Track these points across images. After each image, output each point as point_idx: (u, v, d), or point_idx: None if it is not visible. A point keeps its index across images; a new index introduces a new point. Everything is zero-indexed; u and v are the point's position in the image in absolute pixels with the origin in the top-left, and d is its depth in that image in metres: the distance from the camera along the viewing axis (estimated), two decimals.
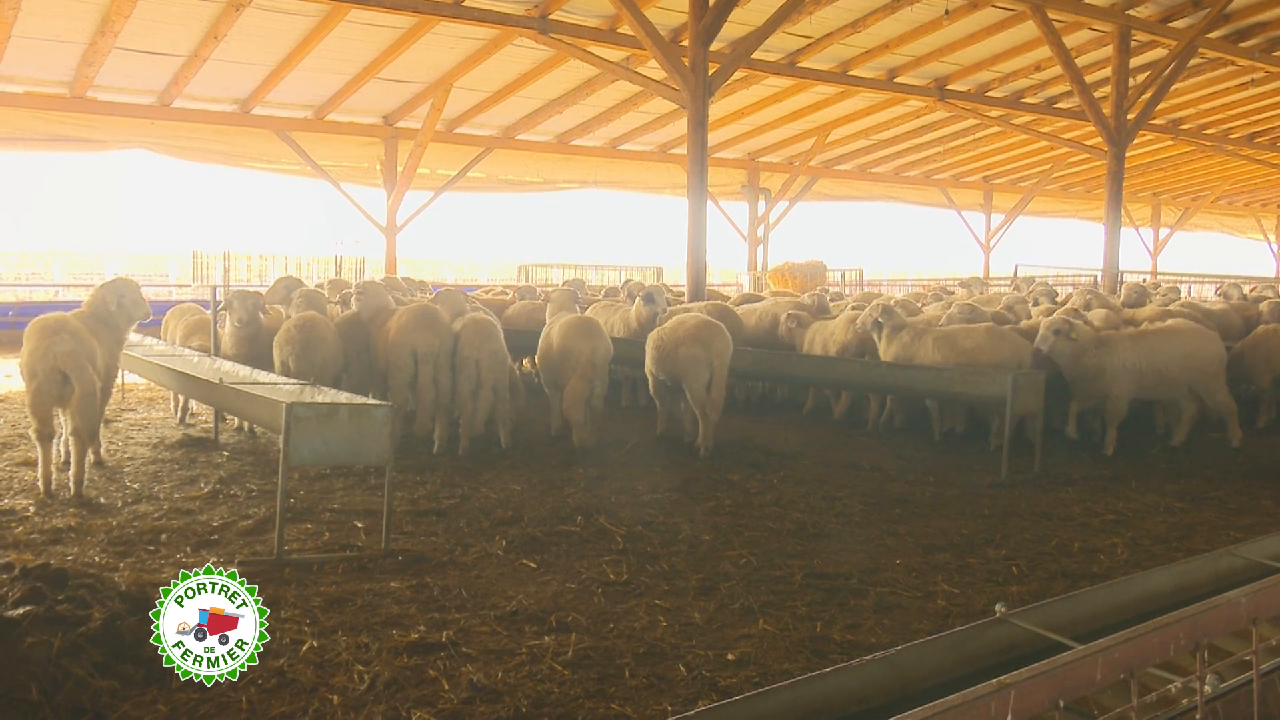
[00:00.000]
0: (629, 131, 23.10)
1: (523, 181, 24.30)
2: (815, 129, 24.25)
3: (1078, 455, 9.01)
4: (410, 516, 6.55)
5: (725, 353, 8.70)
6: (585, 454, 8.51)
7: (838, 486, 7.62)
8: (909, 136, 25.64)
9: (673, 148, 24.39)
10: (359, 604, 4.91)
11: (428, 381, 8.37)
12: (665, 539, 6.14)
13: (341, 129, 20.22)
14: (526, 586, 5.23)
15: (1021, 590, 5.34)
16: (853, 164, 28.33)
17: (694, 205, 13.64)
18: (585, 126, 22.27)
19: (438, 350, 8.43)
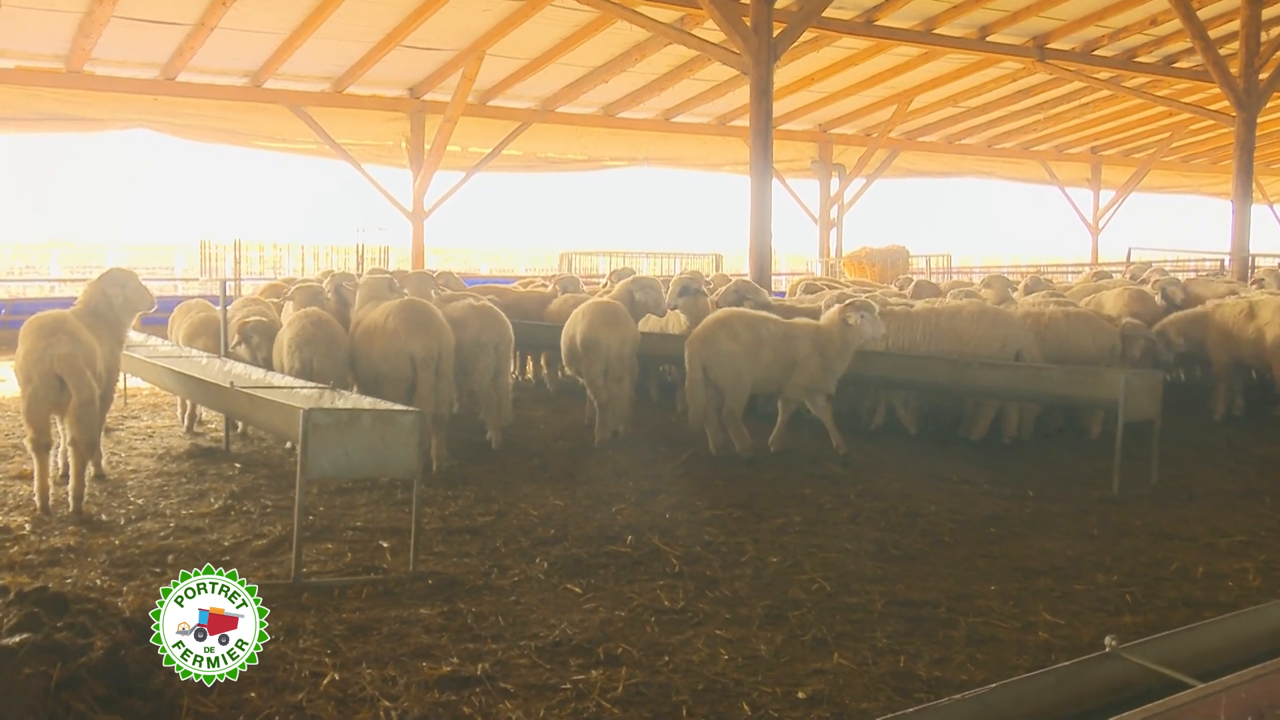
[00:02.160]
0: (684, 102, 23.10)
1: (564, 160, 24.41)
2: (895, 96, 24.05)
3: (1202, 466, 8.85)
4: (441, 535, 6.61)
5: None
6: (635, 466, 8.52)
7: (922, 502, 7.56)
8: (1004, 103, 25.34)
9: (733, 119, 24.35)
10: (385, 633, 4.97)
11: (429, 390, 8.30)
12: (727, 561, 6.13)
13: (363, 103, 20.48)
14: (571, 614, 5.26)
15: (1136, 621, 5.25)
16: (939, 135, 28.05)
17: (757, 184, 13.62)
18: (634, 97, 22.32)
19: (439, 352, 8.44)
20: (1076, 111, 26.43)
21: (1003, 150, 29.63)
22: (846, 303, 8.96)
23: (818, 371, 8.87)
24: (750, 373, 8.75)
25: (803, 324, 9.09)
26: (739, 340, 8.71)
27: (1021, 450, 9.48)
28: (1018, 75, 22.98)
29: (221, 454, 9.04)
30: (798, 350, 8.81)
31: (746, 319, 8.91)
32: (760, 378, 8.85)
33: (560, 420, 10.81)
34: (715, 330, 8.81)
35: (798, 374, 8.84)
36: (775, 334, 8.81)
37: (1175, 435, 9.52)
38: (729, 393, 8.75)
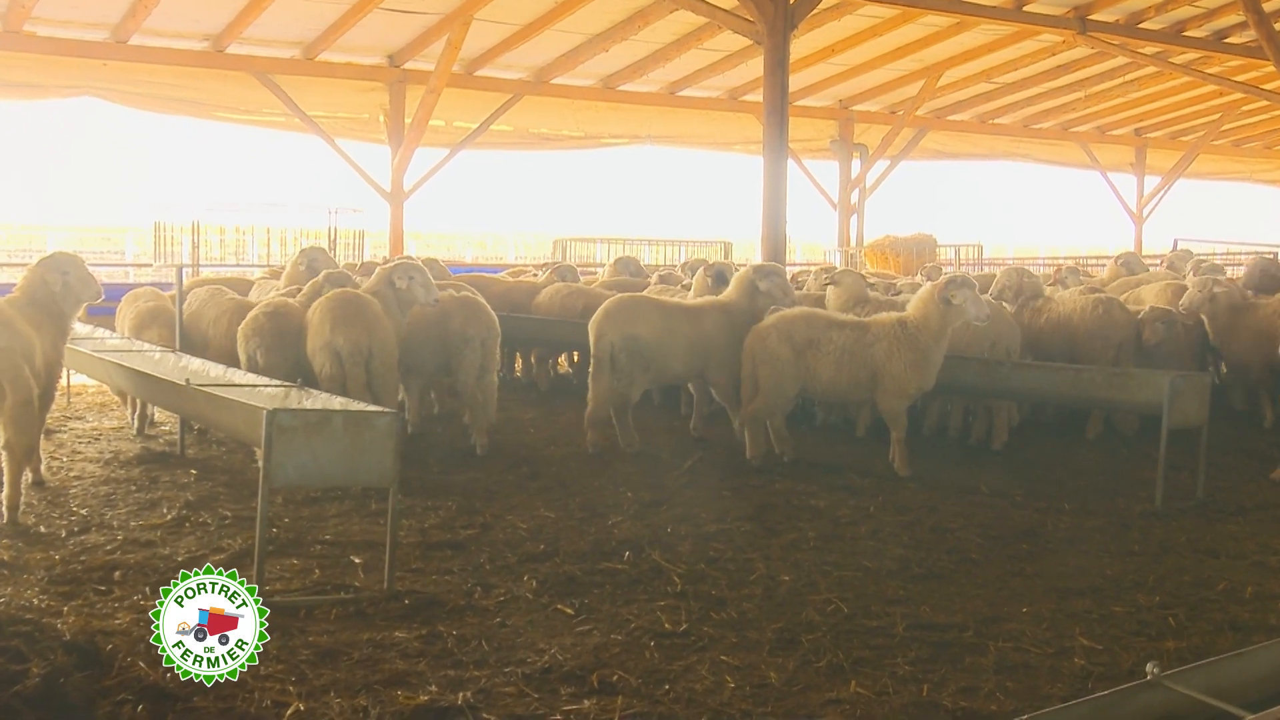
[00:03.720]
0: (691, 74, 23.08)
1: (559, 136, 24.36)
2: (923, 70, 24.03)
3: (1251, 477, 8.86)
4: (420, 550, 6.61)
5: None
6: (634, 474, 8.53)
7: (949, 516, 7.57)
8: (1041, 79, 25.30)
9: (745, 94, 24.33)
10: (356, 658, 4.96)
11: (358, 390, 8.30)
12: (734, 580, 6.14)
13: (336, 71, 20.43)
14: (562, 638, 5.26)
15: (1180, 646, 5.26)
16: (970, 114, 28.04)
17: (771, 165, 13.61)
18: (637, 68, 22.30)
19: (369, 347, 8.49)
20: (1120, 90, 26.40)
21: (1040, 131, 29.60)
22: (945, 279, 8.85)
23: (907, 371, 8.60)
24: (796, 380, 8.76)
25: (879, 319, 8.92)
26: (790, 343, 8.71)
27: (1057, 459, 9.49)
28: (1057, 49, 22.92)
29: (176, 459, 9.03)
30: (874, 354, 8.63)
31: (808, 319, 8.88)
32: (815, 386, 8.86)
33: (552, 424, 10.82)
34: (768, 331, 8.84)
35: (884, 380, 8.64)
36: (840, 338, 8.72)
37: (1223, 443, 9.52)
38: (768, 395, 8.77)
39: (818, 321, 8.83)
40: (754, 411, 8.87)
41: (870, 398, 8.81)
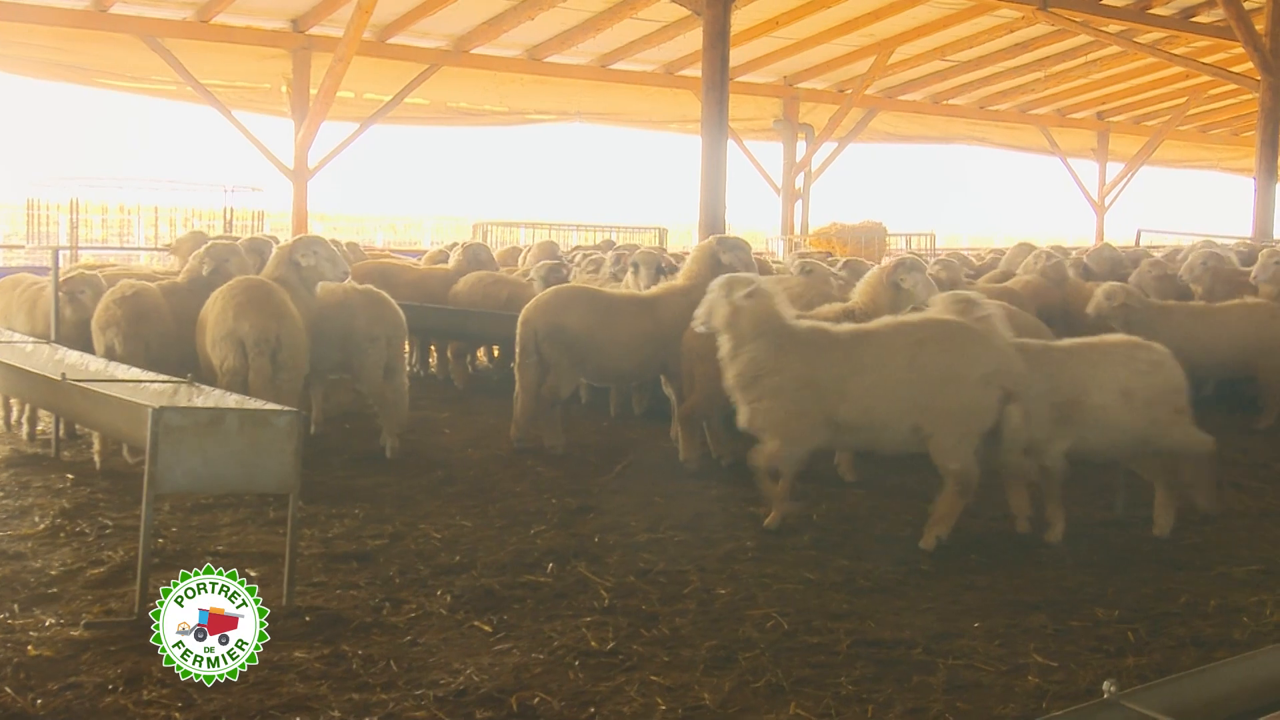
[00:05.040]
0: (624, 46, 23.10)
1: (480, 111, 24.28)
2: (874, 46, 24.26)
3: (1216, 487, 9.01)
4: (323, 562, 6.54)
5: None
6: (560, 479, 8.51)
7: (899, 524, 7.63)
8: (999, 58, 25.66)
9: (683, 68, 24.40)
10: (251, 680, 4.89)
11: (263, 384, 8.25)
12: (667, 594, 6.14)
13: (234, 36, 20.16)
14: (479, 657, 5.23)
15: (1140, 663, 5.35)
16: (923, 93, 28.36)
17: (710, 145, 13.67)
18: (565, 38, 22.27)
19: (277, 336, 8.44)
20: (1081, 70, 26.84)
21: (997, 113, 30.01)
22: (894, 261, 8.85)
23: None
24: None
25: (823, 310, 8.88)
26: None
27: None
28: (1015, 26, 23.27)
29: (50, 462, 8.88)
30: None
31: None
32: None
33: (470, 424, 10.76)
34: None
35: None
36: None
37: None
38: (706, 393, 8.75)
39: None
40: (690, 411, 8.88)
41: None
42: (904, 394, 7.05)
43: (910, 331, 7.23)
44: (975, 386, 7.02)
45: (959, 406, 7.04)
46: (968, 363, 7.05)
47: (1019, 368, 7.13)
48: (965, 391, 7.02)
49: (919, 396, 7.03)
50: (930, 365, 7.04)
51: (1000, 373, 7.05)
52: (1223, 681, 3.40)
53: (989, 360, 7.08)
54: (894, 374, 7.06)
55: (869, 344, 7.20)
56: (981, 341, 7.18)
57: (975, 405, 7.03)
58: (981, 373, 7.02)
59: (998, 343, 7.25)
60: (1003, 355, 7.16)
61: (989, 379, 7.02)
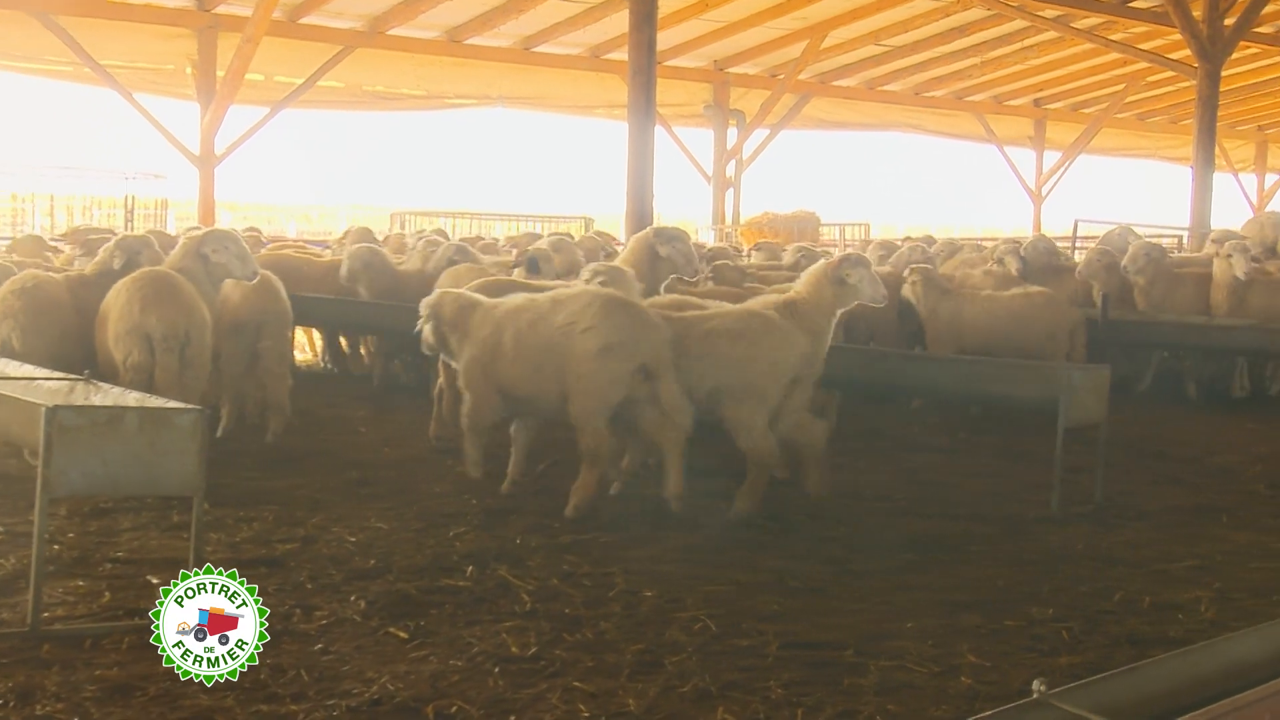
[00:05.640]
0: (548, 28, 23.05)
1: (397, 96, 24.13)
2: (806, 30, 24.41)
3: (1153, 479, 9.21)
4: (230, 568, 6.44)
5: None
6: (480, 480, 8.48)
7: (830, 523, 7.68)
8: (934, 43, 25.92)
9: (609, 51, 24.39)
10: (152, 693, 4.83)
11: (171, 381, 8.17)
12: (591, 597, 6.14)
13: (135, 14, 19.88)
14: (394, 665, 5.20)
15: (1074, 662, 5.42)
16: (858, 79, 28.57)
17: (637, 131, 13.67)
18: (486, 19, 22.17)
19: (185, 331, 8.36)
20: (1018, 56, 27.18)
21: (932, 100, 30.31)
22: (839, 256, 8.92)
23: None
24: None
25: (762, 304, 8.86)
26: None
27: (950, 461, 9.72)
28: (951, 10, 23.51)
29: None
30: None
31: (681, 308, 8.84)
32: None
33: (387, 423, 10.69)
34: None
35: None
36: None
37: (1124, 442, 9.87)
38: None
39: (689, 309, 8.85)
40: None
41: None
42: (544, 364, 7.62)
43: (555, 304, 7.79)
44: (598, 358, 7.43)
45: (582, 375, 7.47)
46: (595, 334, 7.46)
47: (656, 340, 7.49)
48: (589, 362, 7.44)
49: (555, 366, 7.57)
50: (563, 335, 7.56)
51: (628, 344, 7.43)
52: (1154, 679, 3.45)
53: (618, 332, 7.45)
54: (538, 344, 7.65)
55: (526, 315, 7.80)
56: (615, 313, 7.57)
57: (602, 376, 7.43)
58: (605, 343, 7.41)
59: (633, 315, 7.64)
60: (638, 328, 7.53)
61: (614, 350, 7.42)
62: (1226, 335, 12.15)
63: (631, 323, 7.54)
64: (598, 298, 7.73)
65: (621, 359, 7.41)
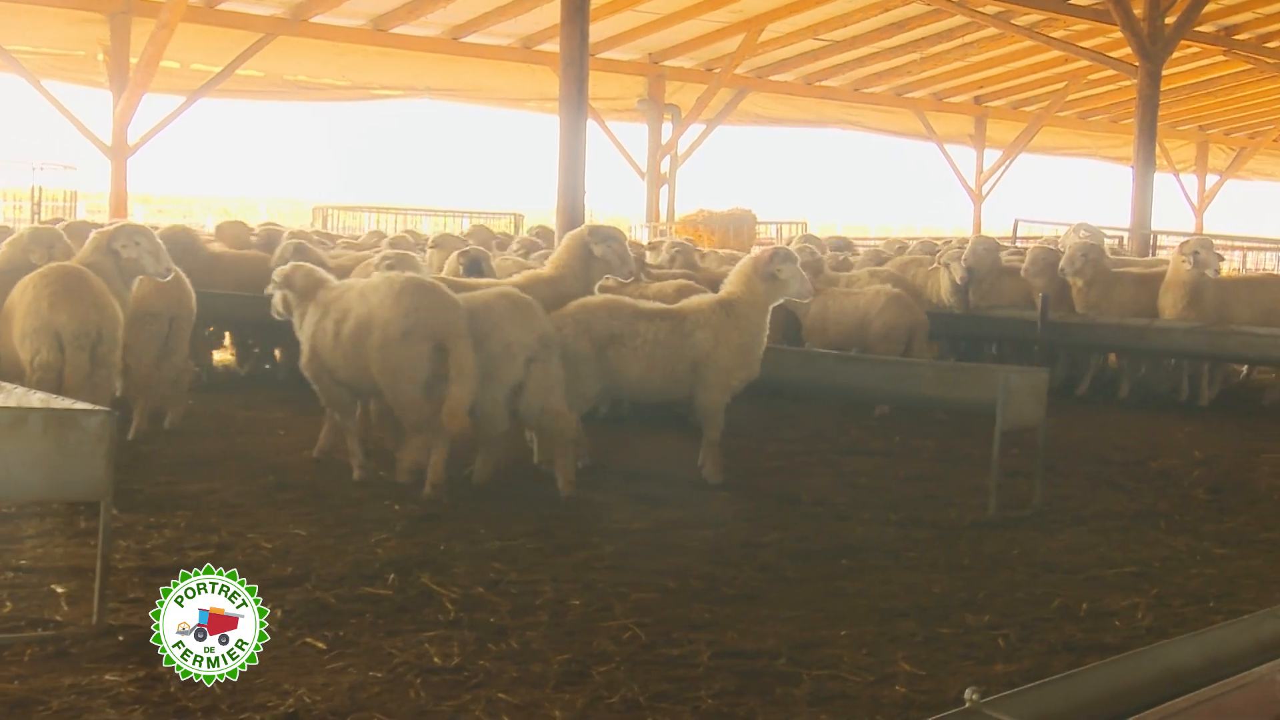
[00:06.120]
0: (477, 17, 22.96)
1: (320, 85, 23.94)
2: (743, 23, 24.49)
3: (1092, 484, 9.34)
4: (140, 576, 6.39)
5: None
6: (403, 485, 8.44)
7: (764, 528, 7.72)
8: (873, 38, 26.10)
9: (540, 43, 24.34)
10: (55, 708, 4.77)
11: (80, 381, 8.07)
12: (517, 605, 6.12)
13: None
14: (311, 677, 5.16)
15: (1010, 670, 5.48)
16: (795, 74, 28.72)
17: (569, 125, 13.66)
18: (414, 7, 22.05)
19: (97, 329, 8.27)
20: (958, 52, 27.42)
21: (872, 96, 30.52)
22: (768, 251, 8.98)
23: (734, 359, 8.69)
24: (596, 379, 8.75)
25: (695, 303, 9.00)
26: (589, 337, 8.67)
27: (886, 464, 9.80)
28: (890, 4, 23.71)
29: None
30: (696, 343, 8.67)
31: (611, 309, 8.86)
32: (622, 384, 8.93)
33: (307, 425, 10.55)
34: (564, 321, 8.78)
35: (708, 372, 8.69)
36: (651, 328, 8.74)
37: (1063, 445, 10.02)
38: None
39: (622, 311, 8.85)
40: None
41: (688, 394, 8.90)
42: (358, 352, 8.16)
43: (362, 295, 8.30)
44: (399, 340, 7.96)
45: (386, 358, 8.01)
46: (395, 323, 7.98)
47: (450, 317, 8.02)
48: (393, 348, 7.98)
49: (367, 354, 8.10)
50: (364, 319, 8.12)
51: (425, 323, 7.95)
52: (1088, 687, 3.49)
53: (414, 315, 7.97)
54: (352, 332, 8.17)
55: (341, 304, 8.34)
56: (410, 297, 8.07)
57: (406, 358, 7.98)
58: (405, 329, 7.92)
59: (427, 295, 8.15)
60: (432, 307, 8.05)
61: (413, 333, 7.93)
62: (1166, 337, 12.35)
63: (426, 303, 8.06)
64: (394, 285, 8.22)
65: (422, 339, 7.95)
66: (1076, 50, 24.24)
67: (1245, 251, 26.36)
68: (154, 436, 9.79)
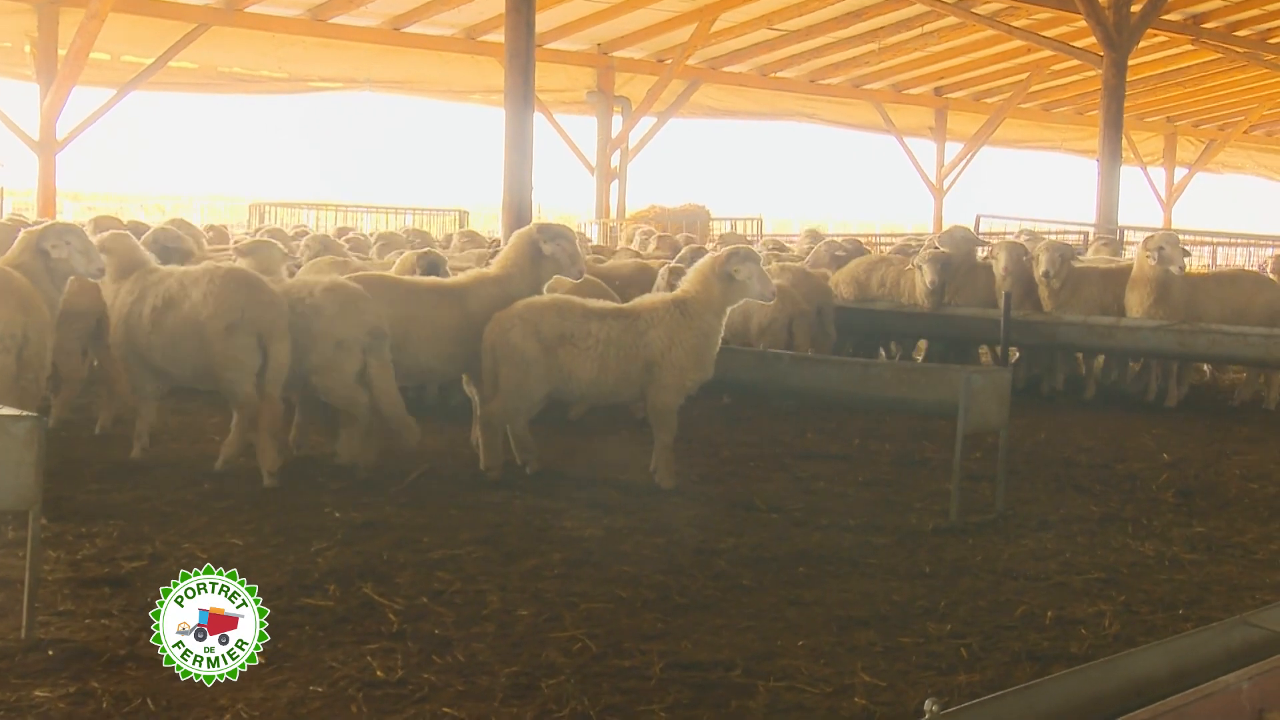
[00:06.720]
0: (419, 7, 22.91)
1: (257, 78, 23.82)
2: (695, 12, 24.54)
3: (1056, 488, 9.39)
4: (70, 588, 6.35)
5: None
6: (345, 490, 8.42)
7: (718, 535, 7.73)
8: (830, 27, 26.20)
9: (485, 33, 24.31)
10: None
11: (6, 384, 8.03)
12: (463, 616, 6.12)
13: None
14: (249, 691, 5.13)
15: (972, 680, 5.50)
16: (749, 65, 28.79)
17: (515, 119, 13.65)
18: None
19: (23, 331, 8.20)
20: (917, 42, 27.57)
21: (828, 88, 30.66)
22: (727, 250, 8.99)
23: (688, 360, 8.72)
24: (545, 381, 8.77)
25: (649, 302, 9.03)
26: (538, 338, 8.68)
27: (844, 469, 9.84)
28: None
29: None
30: (649, 343, 8.69)
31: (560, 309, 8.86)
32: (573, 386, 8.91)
33: None
34: (511, 321, 8.80)
35: (662, 373, 8.69)
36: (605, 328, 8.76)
37: (1025, 448, 10.10)
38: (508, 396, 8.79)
39: (572, 311, 8.84)
40: (491, 414, 8.86)
41: (641, 395, 8.91)
42: (180, 341, 8.65)
43: (184, 285, 8.73)
44: (226, 336, 8.46)
45: (214, 352, 8.52)
46: (219, 317, 8.48)
47: (272, 312, 8.55)
48: (220, 342, 8.48)
49: (192, 344, 8.61)
50: (187, 311, 8.59)
51: (249, 318, 8.48)
52: (1052, 697, 3.53)
53: (237, 310, 8.48)
54: (174, 322, 8.63)
55: (167, 285, 8.78)
56: (232, 292, 8.56)
57: (233, 350, 8.49)
58: (229, 323, 8.45)
59: (249, 289, 8.63)
60: (254, 302, 8.54)
61: (237, 327, 8.45)
62: (1134, 336, 12.46)
63: (248, 298, 8.55)
64: (216, 278, 8.66)
65: (246, 332, 8.47)
66: (1039, 40, 24.41)
67: (1216, 247, 26.60)
68: (82, 442, 9.72)
